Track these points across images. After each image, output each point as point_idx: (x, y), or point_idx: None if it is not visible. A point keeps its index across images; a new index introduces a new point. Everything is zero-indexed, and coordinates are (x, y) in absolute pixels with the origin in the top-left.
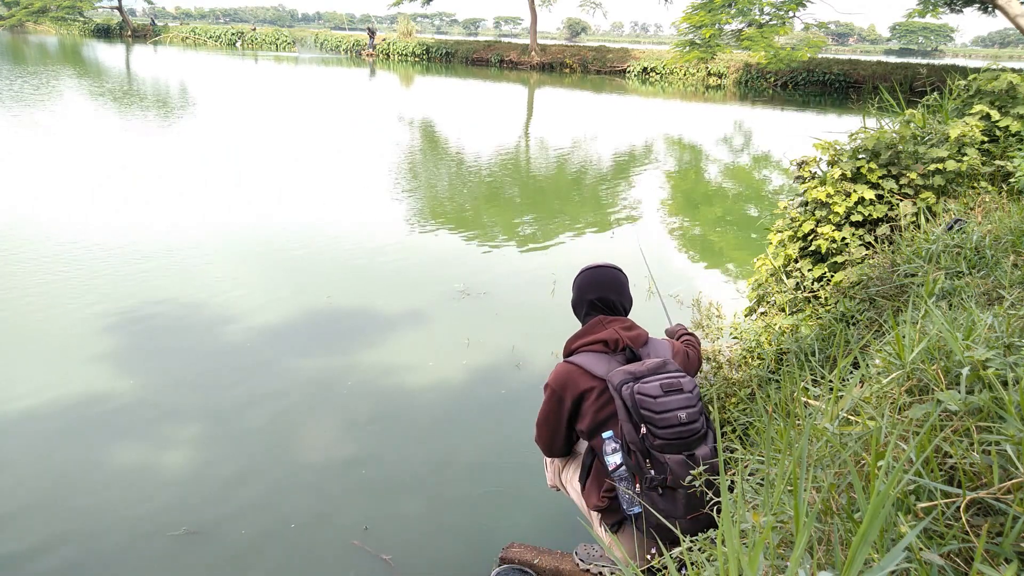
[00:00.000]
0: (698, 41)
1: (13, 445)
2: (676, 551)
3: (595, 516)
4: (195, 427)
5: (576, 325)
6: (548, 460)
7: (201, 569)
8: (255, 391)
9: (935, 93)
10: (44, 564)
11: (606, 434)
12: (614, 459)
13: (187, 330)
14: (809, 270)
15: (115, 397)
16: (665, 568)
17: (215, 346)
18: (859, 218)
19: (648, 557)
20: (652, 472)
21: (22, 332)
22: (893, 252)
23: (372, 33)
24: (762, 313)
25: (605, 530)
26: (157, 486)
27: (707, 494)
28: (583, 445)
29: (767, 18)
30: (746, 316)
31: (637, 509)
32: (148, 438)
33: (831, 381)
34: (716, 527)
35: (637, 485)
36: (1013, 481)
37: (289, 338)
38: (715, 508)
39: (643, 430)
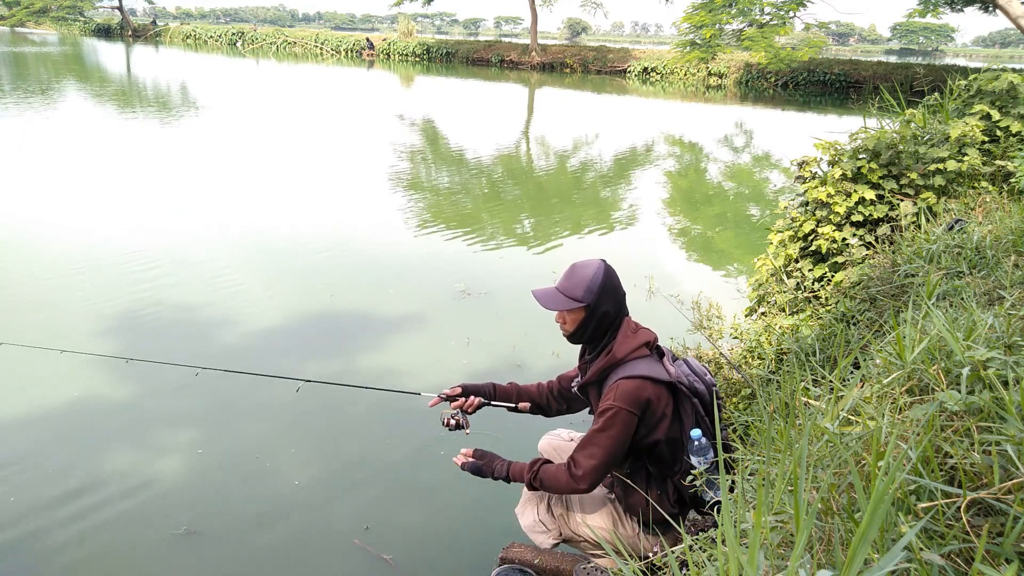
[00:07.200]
0: (699, 41)
1: (14, 445)
2: (677, 549)
3: (635, 528)
4: (196, 427)
5: None
6: (541, 520)
7: (201, 568)
8: (256, 391)
9: (935, 93)
10: (45, 563)
11: (695, 433)
12: (709, 455)
13: (188, 330)
14: (810, 270)
15: (117, 397)
16: (666, 566)
17: (217, 345)
18: (860, 218)
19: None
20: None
21: (23, 332)
22: (894, 252)
23: (371, 43)
24: (762, 313)
25: (659, 532)
26: (158, 485)
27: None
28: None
29: (767, 18)
30: (746, 316)
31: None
32: (149, 438)
33: (831, 381)
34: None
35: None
36: (1014, 481)
37: (291, 337)
38: (716, 508)
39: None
